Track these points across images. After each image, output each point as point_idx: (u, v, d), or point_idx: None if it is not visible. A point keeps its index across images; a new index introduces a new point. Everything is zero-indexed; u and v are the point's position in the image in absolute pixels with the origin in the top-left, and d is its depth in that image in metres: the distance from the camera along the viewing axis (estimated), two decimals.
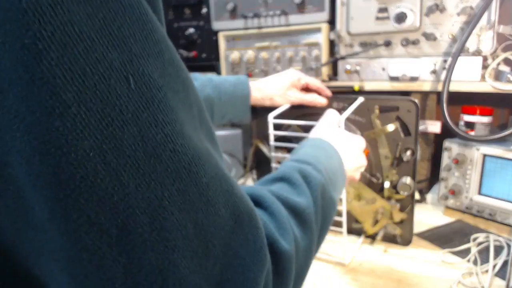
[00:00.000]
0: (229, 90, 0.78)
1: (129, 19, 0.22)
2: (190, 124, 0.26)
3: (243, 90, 0.80)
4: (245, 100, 0.80)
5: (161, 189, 0.23)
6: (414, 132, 0.76)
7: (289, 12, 1.05)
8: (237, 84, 0.80)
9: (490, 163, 0.84)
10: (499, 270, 0.67)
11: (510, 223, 0.81)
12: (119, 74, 0.21)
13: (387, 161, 0.78)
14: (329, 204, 0.45)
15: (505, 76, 0.87)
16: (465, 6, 0.87)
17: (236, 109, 0.80)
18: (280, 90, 0.82)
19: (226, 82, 0.79)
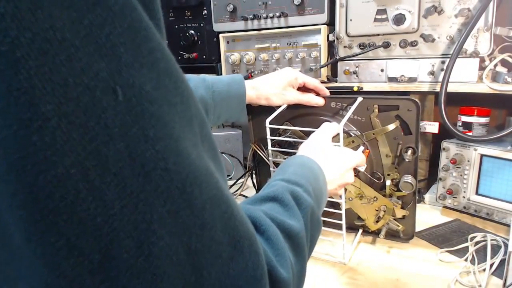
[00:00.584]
0: (223, 90, 0.76)
1: (119, 26, 0.20)
2: (189, 140, 0.24)
3: (238, 89, 0.78)
4: (240, 100, 0.78)
5: (150, 211, 0.21)
6: (415, 130, 0.77)
7: (289, 14, 1.06)
8: (231, 83, 0.78)
9: (487, 163, 0.85)
10: (496, 269, 0.68)
11: (507, 223, 0.82)
12: (105, 85, 0.20)
13: (388, 160, 0.78)
14: (316, 226, 0.44)
15: (502, 77, 0.88)
16: (462, 8, 0.88)
17: (231, 109, 0.78)
18: (276, 89, 0.80)
19: (220, 82, 0.76)
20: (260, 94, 0.80)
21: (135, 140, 0.21)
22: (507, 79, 0.86)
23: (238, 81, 0.78)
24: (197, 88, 0.73)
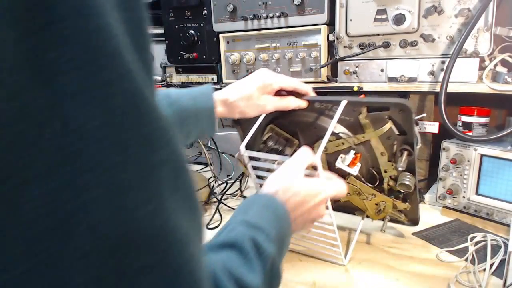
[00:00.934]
0: (189, 104, 0.67)
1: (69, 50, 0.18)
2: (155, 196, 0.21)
3: (205, 102, 0.69)
4: (209, 114, 0.69)
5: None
6: (409, 132, 0.70)
7: (289, 14, 1.06)
8: (198, 96, 0.69)
9: (487, 163, 0.85)
10: (496, 269, 0.68)
11: (507, 223, 0.82)
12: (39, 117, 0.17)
13: (384, 157, 0.74)
14: (276, 279, 0.43)
15: (502, 77, 0.88)
16: (462, 8, 0.88)
17: (201, 126, 0.69)
18: (249, 100, 0.70)
19: (185, 96, 0.68)
20: (232, 108, 0.71)
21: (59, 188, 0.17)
22: (507, 79, 0.86)
23: (206, 94, 0.70)
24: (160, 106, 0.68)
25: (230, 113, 0.71)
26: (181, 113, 0.66)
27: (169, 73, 1.32)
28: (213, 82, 1.25)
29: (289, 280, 0.68)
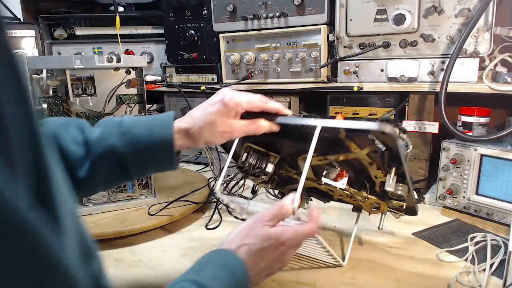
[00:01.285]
0: (144, 135, 0.59)
1: None
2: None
3: (164, 133, 0.60)
4: (168, 147, 0.60)
5: None
6: (395, 150, 0.61)
7: (289, 14, 1.06)
8: (155, 126, 0.60)
9: (487, 163, 0.85)
10: (496, 269, 0.68)
11: (507, 223, 0.82)
12: None
13: (373, 166, 0.67)
14: None
15: (502, 77, 0.88)
16: (462, 8, 0.88)
17: (158, 159, 0.61)
18: (212, 129, 0.61)
19: (140, 125, 0.60)
20: (195, 138, 0.62)
21: None
22: (507, 79, 0.86)
23: (165, 124, 0.61)
24: (109, 136, 0.58)
25: (194, 143, 0.63)
26: (134, 145, 0.58)
27: (169, 73, 1.32)
28: (213, 82, 1.25)
29: (289, 280, 0.68)
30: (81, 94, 0.88)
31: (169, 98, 1.39)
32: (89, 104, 0.89)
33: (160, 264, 0.74)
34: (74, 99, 0.87)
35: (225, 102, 0.61)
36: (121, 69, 0.90)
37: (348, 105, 1.11)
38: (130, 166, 0.59)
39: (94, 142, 0.58)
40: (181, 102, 1.36)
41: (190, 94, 1.31)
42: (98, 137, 0.59)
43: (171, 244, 0.82)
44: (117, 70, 0.90)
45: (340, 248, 0.78)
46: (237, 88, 1.18)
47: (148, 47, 1.37)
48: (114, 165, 0.59)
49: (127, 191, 0.94)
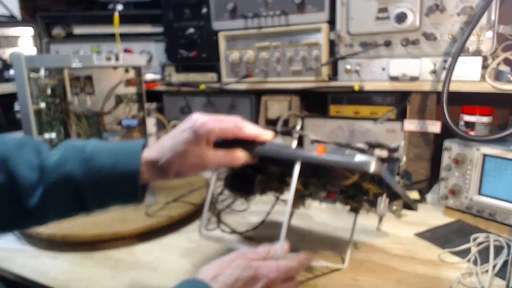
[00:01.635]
0: (107, 164, 0.53)
1: None
2: None
3: (129, 164, 0.54)
4: (132, 180, 0.54)
5: None
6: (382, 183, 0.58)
7: (289, 12, 1.05)
8: (121, 155, 0.55)
9: (490, 163, 0.84)
10: (499, 270, 0.67)
11: (510, 223, 0.81)
12: None
13: (365, 181, 0.61)
14: None
15: (505, 76, 0.87)
16: (465, 6, 0.87)
17: (120, 192, 0.55)
18: (183, 160, 0.55)
19: (104, 153, 0.55)
20: (164, 171, 0.56)
21: None
22: (510, 77, 0.86)
23: (132, 153, 0.55)
24: (66, 162, 0.53)
25: (163, 176, 0.56)
26: (95, 174, 0.53)
27: (168, 72, 1.31)
28: (213, 81, 1.24)
29: None
30: (79, 93, 0.87)
31: (168, 97, 1.38)
32: (87, 103, 0.89)
33: (159, 265, 0.73)
34: (72, 98, 0.87)
35: (195, 130, 0.54)
36: (120, 68, 0.89)
37: (349, 104, 1.11)
38: (88, 197, 0.53)
39: (50, 168, 0.52)
40: (180, 101, 1.35)
41: (190, 93, 1.30)
42: (55, 162, 0.53)
43: (170, 245, 0.81)
44: (116, 69, 0.89)
45: (341, 250, 0.77)
46: (238, 87, 1.17)
47: (147, 46, 1.37)
48: (69, 195, 0.53)
49: None
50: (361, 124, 1.09)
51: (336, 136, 1.13)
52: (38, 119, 0.82)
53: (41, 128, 0.83)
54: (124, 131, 0.92)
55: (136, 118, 0.92)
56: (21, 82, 0.78)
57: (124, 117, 0.91)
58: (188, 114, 1.40)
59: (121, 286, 0.67)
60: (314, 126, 1.16)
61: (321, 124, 1.15)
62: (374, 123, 1.07)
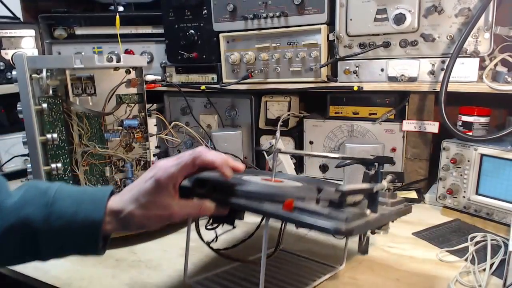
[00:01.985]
0: (69, 211, 0.50)
1: None
2: None
3: (92, 213, 0.50)
4: (93, 230, 0.50)
5: None
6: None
7: (289, 14, 1.06)
8: (85, 202, 0.51)
9: (487, 163, 0.85)
10: (496, 269, 0.67)
11: (508, 223, 0.82)
12: None
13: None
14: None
15: (502, 77, 0.88)
16: (463, 8, 0.88)
17: (79, 243, 0.51)
18: (146, 211, 0.52)
19: (67, 198, 0.51)
20: (126, 222, 0.52)
21: None
22: (507, 78, 0.86)
23: (97, 202, 0.52)
24: (28, 204, 0.50)
25: (124, 228, 0.53)
26: (55, 221, 0.49)
27: (169, 72, 1.32)
28: (213, 81, 1.25)
29: (289, 281, 0.68)
30: (81, 94, 0.88)
31: (169, 97, 1.39)
32: (89, 103, 0.89)
33: (159, 264, 0.74)
34: (74, 98, 0.87)
35: (157, 179, 0.52)
36: (121, 68, 0.90)
37: (348, 104, 1.11)
38: (44, 244, 0.49)
39: (7, 209, 0.49)
40: (181, 101, 1.36)
41: (190, 94, 1.31)
42: (14, 203, 0.49)
43: (170, 244, 0.82)
44: (117, 69, 0.90)
45: (338, 250, 0.77)
46: (238, 87, 1.18)
47: (148, 47, 1.37)
48: (25, 240, 0.49)
49: None
50: (360, 124, 1.10)
51: (335, 136, 1.14)
52: (40, 120, 0.83)
53: (43, 129, 0.84)
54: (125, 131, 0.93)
55: (137, 119, 0.93)
56: (23, 83, 0.79)
57: (125, 118, 0.92)
58: (188, 114, 1.40)
59: (122, 285, 0.67)
60: (313, 127, 1.17)
61: (321, 125, 1.15)
62: (373, 124, 1.07)
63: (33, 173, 0.83)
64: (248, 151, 1.28)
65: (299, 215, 0.47)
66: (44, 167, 0.84)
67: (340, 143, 1.13)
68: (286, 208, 0.47)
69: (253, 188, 0.56)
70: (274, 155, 0.67)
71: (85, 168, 0.90)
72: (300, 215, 0.46)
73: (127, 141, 0.93)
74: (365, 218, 0.49)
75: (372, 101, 1.08)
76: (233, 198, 0.54)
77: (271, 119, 1.22)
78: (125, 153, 0.94)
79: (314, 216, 0.45)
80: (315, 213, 0.46)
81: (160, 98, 1.39)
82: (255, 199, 0.52)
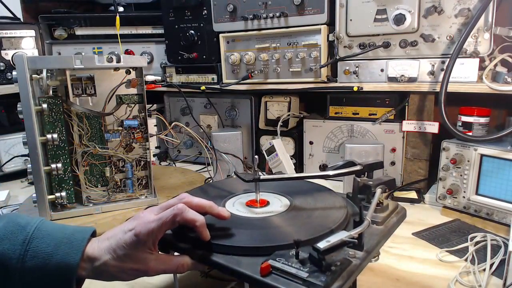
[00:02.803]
0: (45, 251, 0.48)
1: None
2: None
3: (69, 256, 0.49)
4: (67, 274, 0.48)
5: None
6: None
7: (289, 14, 1.06)
8: (62, 243, 0.49)
9: (487, 163, 0.85)
10: (496, 269, 0.68)
11: (507, 223, 0.82)
12: None
13: None
14: None
15: (502, 77, 0.88)
16: (462, 8, 0.88)
17: (52, 283, 0.48)
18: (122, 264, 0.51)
19: (46, 237, 0.49)
20: (100, 272, 0.51)
21: None
22: (507, 79, 0.86)
23: (75, 243, 0.50)
24: (5, 240, 0.48)
25: (97, 276, 0.51)
26: (30, 259, 0.48)
27: (169, 73, 1.32)
28: (213, 82, 1.25)
29: None
30: (81, 94, 0.88)
31: (169, 98, 1.39)
32: (89, 104, 0.89)
33: None
34: (74, 99, 0.87)
35: (136, 233, 0.50)
36: (121, 69, 0.90)
37: (348, 105, 1.11)
38: (17, 282, 0.47)
39: None
40: (181, 102, 1.36)
41: (190, 94, 1.31)
42: None
43: None
44: (117, 70, 0.90)
45: None
46: (238, 88, 1.18)
47: (148, 47, 1.38)
48: None
49: (127, 191, 0.94)
50: (360, 125, 1.10)
51: (335, 136, 1.14)
52: (40, 120, 0.83)
53: (43, 129, 0.84)
54: (125, 131, 0.93)
55: (137, 119, 0.93)
56: (23, 83, 0.79)
57: (125, 118, 0.92)
58: (188, 114, 1.40)
59: (122, 284, 0.67)
60: (313, 127, 1.17)
61: (321, 125, 1.16)
62: (373, 124, 1.08)
63: (33, 173, 0.83)
64: (248, 151, 1.28)
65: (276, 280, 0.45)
66: (44, 167, 0.84)
67: (340, 143, 1.14)
68: (263, 272, 0.46)
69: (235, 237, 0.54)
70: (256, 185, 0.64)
71: (85, 169, 0.90)
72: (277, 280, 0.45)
73: (127, 141, 0.93)
74: (350, 265, 0.47)
75: (372, 102, 1.08)
76: (213, 256, 0.52)
77: (271, 119, 1.22)
78: (125, 154, 0.94)
79: (293, 280, 0.44)
80: (293, 276, 0.44)
81: (160, 98, 1.39)
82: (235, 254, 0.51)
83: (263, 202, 0.65)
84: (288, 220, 0.59)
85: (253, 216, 0.60)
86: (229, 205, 0.65)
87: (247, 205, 0.65)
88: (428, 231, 0.84)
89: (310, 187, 0.72)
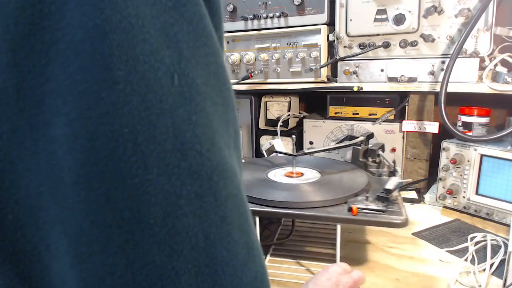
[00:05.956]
0: None
1: (186, 28, 0.24)
2: (223, 138, 0.26)
3: None
4: None
5: (180, 186, 0.23)
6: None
7: (289, 14, 1.06)
8: None
9: (487, 163, 0.85)
10: (496, 269, 0.68)
11: (507, 223, 0.82)
12: (166, 69, 0.23)
13: None
14: None
15: (502, 77, 0.88)
16: (462, 8, 0.88)
17: None
18: None
19: None
20: None
21: (180, 119, 0.23)
22: (507, 79, 0.86)
23: None
24: None
25: None
26: None
27: None
28: None
29: (288, 280, 0.68)
30: None
31: None
32: None
33: None
34: None
35: None
36: None
37: (348, 105, 1.11)
38: None
39: None
40: None
41: None
42: None
43: None
44: None
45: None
46: (238, 88, 1.18)
47: None
48: None
49: None
50: (360, 125, 1.10)
51: (335, 136, 1.14)
52: None
53: None
54: None
55: None
56: None
57: None
58: None
59: None
60: (313, 127, 1.17)
61: (321, 125, 1.15)
62: (373, 124, 1.08)
63: None
64: (248, 151, 1.28)
65: (365, 215, 0.64)
66: None
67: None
68: (354, 213, 0.63)
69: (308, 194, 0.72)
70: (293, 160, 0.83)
71: None
72: (366, 215, 0.64)
73: None
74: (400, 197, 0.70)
75: (372, 102, 1.08)
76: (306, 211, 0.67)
77: (271, 119, 1.22)
78: None
79: (376, 213, 0.64)
80: (375, 210, 0.64)
81: None
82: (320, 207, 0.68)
83: (299, 174, 0.82)
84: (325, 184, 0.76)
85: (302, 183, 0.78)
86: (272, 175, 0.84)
87: (286, 176, 0.82)
88: (428, 231, 0.84)
89: (326, 161, 0.92)
